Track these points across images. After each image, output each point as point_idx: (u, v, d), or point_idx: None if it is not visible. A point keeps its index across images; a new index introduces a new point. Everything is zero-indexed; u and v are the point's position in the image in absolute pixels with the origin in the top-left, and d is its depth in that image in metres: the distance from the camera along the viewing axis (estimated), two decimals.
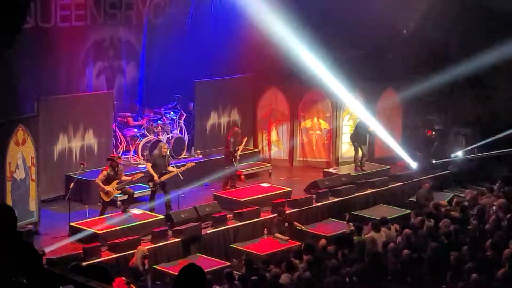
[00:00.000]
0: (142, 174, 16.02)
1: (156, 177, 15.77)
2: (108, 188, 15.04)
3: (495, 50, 19.00)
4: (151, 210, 15.91)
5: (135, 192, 16.65)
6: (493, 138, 19.72)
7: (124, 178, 15.29)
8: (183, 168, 16.27)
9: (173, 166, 16.15)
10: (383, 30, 19.99)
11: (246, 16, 19.06)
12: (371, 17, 19.32)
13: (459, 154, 20.62)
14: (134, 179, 15.52)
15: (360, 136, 19.57)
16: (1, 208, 5.50)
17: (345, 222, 15.70)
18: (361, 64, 19.78)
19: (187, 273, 4.93)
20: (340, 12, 19.01)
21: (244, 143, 18.78)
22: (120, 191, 15.28)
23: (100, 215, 15.22)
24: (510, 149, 19.50)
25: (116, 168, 15.18)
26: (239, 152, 18.00)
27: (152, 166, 15.94)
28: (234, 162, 17.84)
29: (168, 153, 16.43)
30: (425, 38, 20.49)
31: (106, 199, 15.13)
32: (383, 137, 20.41)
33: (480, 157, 20.21)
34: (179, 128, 19.55)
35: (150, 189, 16.07)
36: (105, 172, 15.05)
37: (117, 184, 15.12)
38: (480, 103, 20.59)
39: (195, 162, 17.32)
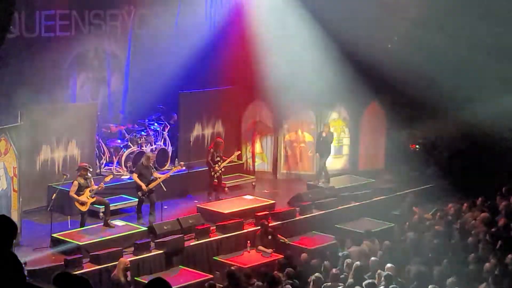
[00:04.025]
0: (112, 176, 16.25)
1: (144, 186, 15.86)
2: (83, 198, 14.98)
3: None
4: (139, 219, 15.98)
5: (119, 203, 16.69)
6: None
7: (93, 187, 15.24)
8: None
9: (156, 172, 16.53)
10: (368, 43, 20.04)
11: (231, 28, 19.12)
12: (356, 31, 19.39)
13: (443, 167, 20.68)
14: (102, 186, 15.45)
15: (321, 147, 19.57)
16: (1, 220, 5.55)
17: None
18: (346, 77, 19.83)
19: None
20: (326, 25, 19.11)
21: (234, 156, 18.79)
22: (94, 198, 15.21)
23: (80, 227, 15.15)
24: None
25: (86, 177, 15.16)
26: (223, 164, 17.95)
27: (138, 176, 15.99)
28: (213, 173, 17.81)
29: (151, 163, 16.47)
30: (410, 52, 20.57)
31: (83, 209, 15.07)
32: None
33: (463, 170, 20.25)
34: (162, 140, 19.52)
35: (138, 199, 16.14)
36: (76, 183, 14.99)
37: (89, 192, 15.09)
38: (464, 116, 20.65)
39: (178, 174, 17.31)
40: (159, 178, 16.12)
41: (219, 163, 17.88)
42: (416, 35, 20.07)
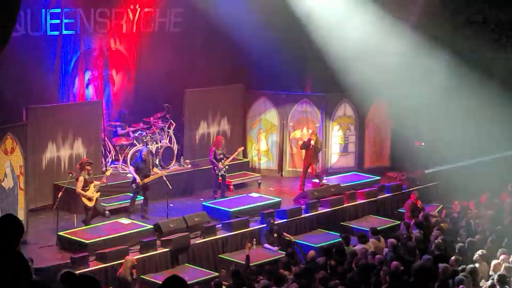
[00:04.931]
0: (111, 170, 16.67)
1: (138, 179, 16.15)
2: (89, 193, 15.07)
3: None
4: (130, 213, 16.30)
5: (124, 202, 16.77)
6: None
7: (96, 182, 15.33)
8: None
9: (159, 169, 16.99)
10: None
11: (236, 26, 19.10)
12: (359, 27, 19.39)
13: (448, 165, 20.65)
14: (104, 180, 15.64)
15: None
16: (8, 219, 5.57)
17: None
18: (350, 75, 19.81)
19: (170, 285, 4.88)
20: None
21: (237, 153, 18.84)
22: (99, 193, 15.30)
23: (85, 224, 15.20)
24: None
25: (90, 172, 15.26)
26: (226, 162, 17.99)
27: (135, 170, 16.23)
28: (216, 171, 17.86)
29: (150, 158, 16.64)
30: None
31: (90, 204, 15.15)
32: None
33: (468, 167, 20.21)
34: (168, 138, 19.53)
35: (132, 191, 16.45)
36: (81, 178, 15.06)
37: (94, 187, 15.18)
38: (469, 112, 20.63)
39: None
40: (156, 174, 16.39)
41: (222, 161, 17.92)
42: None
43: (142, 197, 16.52)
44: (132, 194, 16.58)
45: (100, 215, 15.57)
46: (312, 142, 19.19)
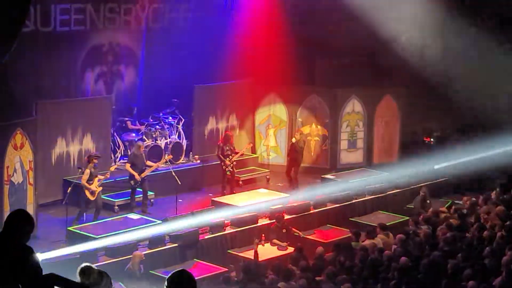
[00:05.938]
0: (116, 166, 16.73)
1: (137, 176, 16.30)
2: (92, 187, 15.17)
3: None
4: (133, 208, 16.41)
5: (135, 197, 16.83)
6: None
7: (100, 177, 15.43)
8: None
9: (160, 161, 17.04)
10: (380, 37, 19.99)
11: (245, 21, 19.12)
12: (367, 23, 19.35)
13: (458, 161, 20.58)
14: (108, 175, 15.83)
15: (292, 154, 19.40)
16: (18, 214, 5.61)
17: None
18: (359, 71, 19.79)
19: (177, 281, 4.91)
20: (335, 19, 19.09)
21: (245, 149, 18.88)
22: (101, 188, 15.40)
23: (94, 220, 15.28)
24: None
25: (96, 166, 15.41)
26: (234, 158, 18.02)
27: (131, 166, 16.34)
28: (224, 167, 17.89)
29: (144, 152, 16.87)
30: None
31: (92, 198, 15.25)
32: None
33: (478, 164, 20.13)
34: (177, 133, 19.56)
35: (131, 187, 16.56)
36: (88, 171, 15.21)
37: (98, 181, 15.28)
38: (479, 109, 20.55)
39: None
40: (151, 166, 16.55)
41: (230, 156, 17.94)
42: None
43: (141, 190, 16.61)
44: (130, 190, 16.67)
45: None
46: (293, 140, 19.11)
